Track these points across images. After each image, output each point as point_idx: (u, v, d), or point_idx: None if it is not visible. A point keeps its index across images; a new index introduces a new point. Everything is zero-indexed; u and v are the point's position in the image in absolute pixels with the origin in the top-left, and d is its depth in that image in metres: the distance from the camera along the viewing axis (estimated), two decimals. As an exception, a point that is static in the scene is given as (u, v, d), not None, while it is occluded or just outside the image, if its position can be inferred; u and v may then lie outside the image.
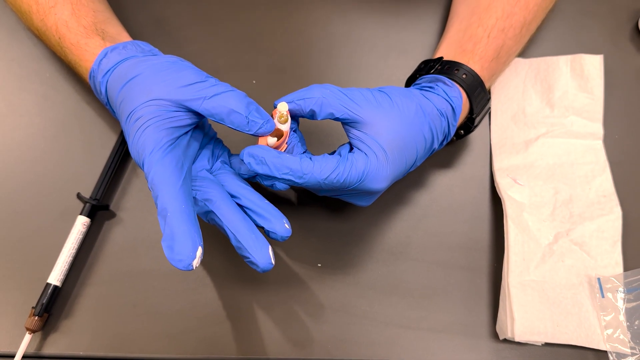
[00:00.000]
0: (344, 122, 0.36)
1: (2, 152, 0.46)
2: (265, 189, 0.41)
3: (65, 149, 0.47)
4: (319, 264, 0.43)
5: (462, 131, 0.44)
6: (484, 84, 0.41)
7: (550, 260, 0.42)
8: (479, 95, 0.41)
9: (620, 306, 0.40)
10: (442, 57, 0.42)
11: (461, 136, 0.45)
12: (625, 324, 0.40)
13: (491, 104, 0.48)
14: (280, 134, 0.36)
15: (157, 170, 0.32)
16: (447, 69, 0.41)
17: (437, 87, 0.39)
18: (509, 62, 0.46)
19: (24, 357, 0.40)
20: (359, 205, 0.40)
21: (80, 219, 0.43)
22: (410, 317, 0.42)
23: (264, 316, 0.42)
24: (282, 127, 0.35)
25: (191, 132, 0.36)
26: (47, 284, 0.41)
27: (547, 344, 0.41)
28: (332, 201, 0.44)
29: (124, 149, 0.46)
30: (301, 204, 0.45)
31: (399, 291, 0.43)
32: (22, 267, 0.43)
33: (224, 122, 0.33)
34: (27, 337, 0.39)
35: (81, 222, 0.42)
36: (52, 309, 0.41)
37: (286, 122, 0.35)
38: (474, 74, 0.40)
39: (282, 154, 0.34)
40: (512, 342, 0.41)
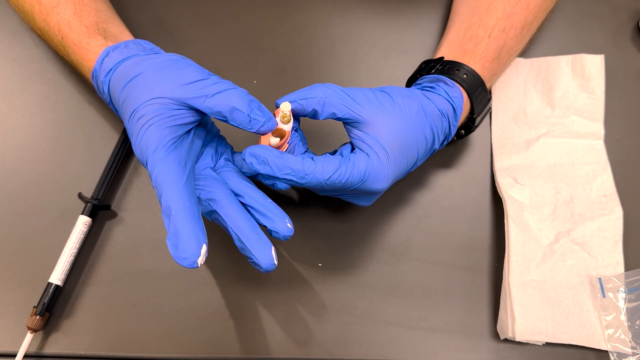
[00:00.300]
0: (346, 122, 0.36)
1: (4, 152, 0.46)
2: (267, 187, 0.41)
3: (66, 149, 0.47)
4: (320, 264, 0.43)
5: (463, 131, 0.44)
6: (484, 84, 0.41)
7: (551, 260, 0.42)
8: (480, 95, 0.41)
9: (621, 306, 0.40)
10: (443, 57, 0.42)
11: (462, 136, 0.45)
12: (626, 324, 0.40)
13: (492, 104, 0.48)
14: (282, 134, 0.36)
15: (161, 168, 0.32)
16: (448, 69, 0.41)
17: (438, 87, 0.39)
18: (509, 62, 0.46)
19: (25, 356, 0.40)
20: (359, 205, 0.40)
21: (81, 219, 0.43)
22: (411, 317, 0.42)
23: (265, 316, 0.42)
24: (285, 127, 0.35)
25: (194, 129, 0.36)
26: (49, 284, 0.41)
27: (548, 344, 0.41)
28: (333, 201, 0.44)
29: (126, 149, 0.46)
30: (302, 204, 0.45)
31: (400, 291, 0.43)
32: (24, 267, 0.43)
33: (226, 120, 0.33)
34: (29, 336, 0.40)
35: (82, 222, 0.43)
36: (53, 308, 0.41)
37: (289, 122, 0.35)
38: (475, 74, 0.40)
39: (284, 154, 0.34)
40: (512, 342, 0.41)
